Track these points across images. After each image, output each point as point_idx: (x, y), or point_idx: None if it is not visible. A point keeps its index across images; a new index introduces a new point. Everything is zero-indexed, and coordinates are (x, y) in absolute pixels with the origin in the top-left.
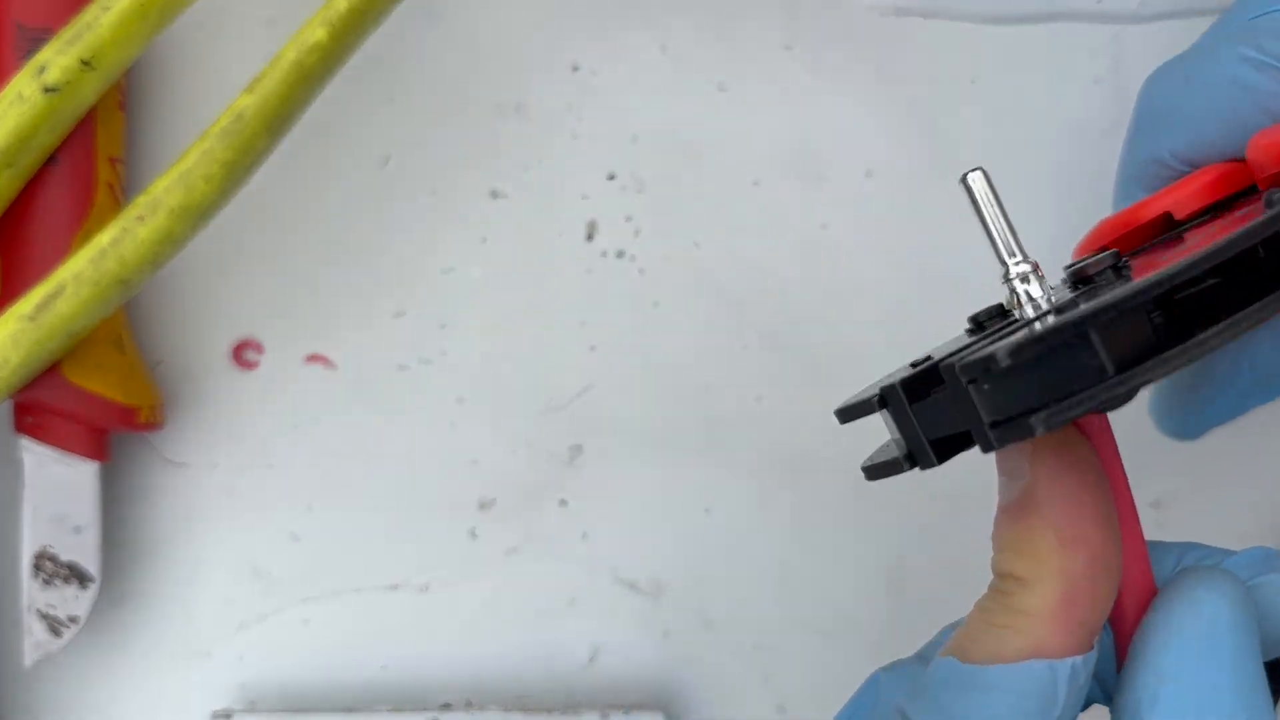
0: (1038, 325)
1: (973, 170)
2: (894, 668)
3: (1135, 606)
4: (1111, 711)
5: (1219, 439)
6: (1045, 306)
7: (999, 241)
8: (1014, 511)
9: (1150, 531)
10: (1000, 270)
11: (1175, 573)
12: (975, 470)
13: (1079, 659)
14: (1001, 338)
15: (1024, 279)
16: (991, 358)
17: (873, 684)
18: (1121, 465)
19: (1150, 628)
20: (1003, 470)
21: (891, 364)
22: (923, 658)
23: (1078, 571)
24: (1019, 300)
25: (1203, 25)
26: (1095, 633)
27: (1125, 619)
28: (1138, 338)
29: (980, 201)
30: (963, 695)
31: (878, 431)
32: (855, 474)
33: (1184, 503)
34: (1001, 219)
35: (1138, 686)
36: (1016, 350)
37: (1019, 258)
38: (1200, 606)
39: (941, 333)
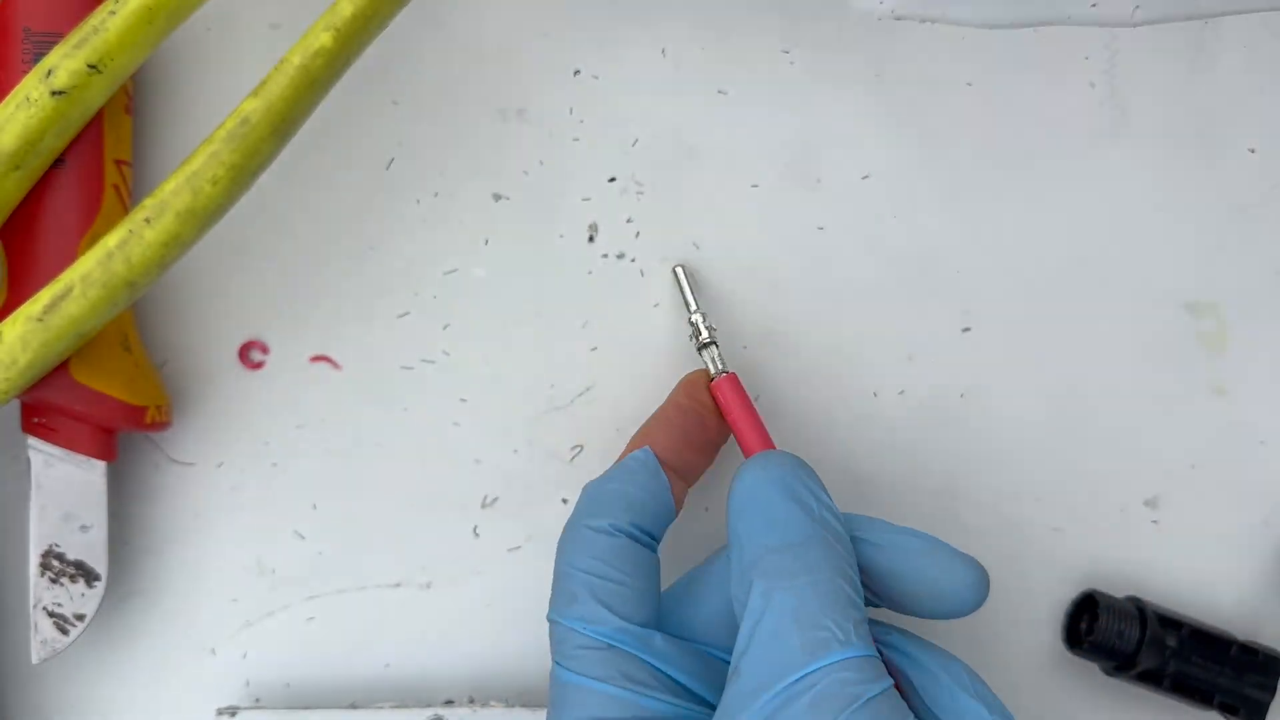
0: None
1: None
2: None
3: None
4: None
5: (1214, 438)
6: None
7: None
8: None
9: (1146, 530)
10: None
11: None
12: (973, 470)
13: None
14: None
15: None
16: None
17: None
18: (749, 408)
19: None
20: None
21: (888, 364)
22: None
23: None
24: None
25: (1195, 30)
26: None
27: None
28: None
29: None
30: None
31: (873, 435)
32: (853, 473)
33: (1179, 502)
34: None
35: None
36: None
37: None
38: (742, 468)
39: (936, 333)
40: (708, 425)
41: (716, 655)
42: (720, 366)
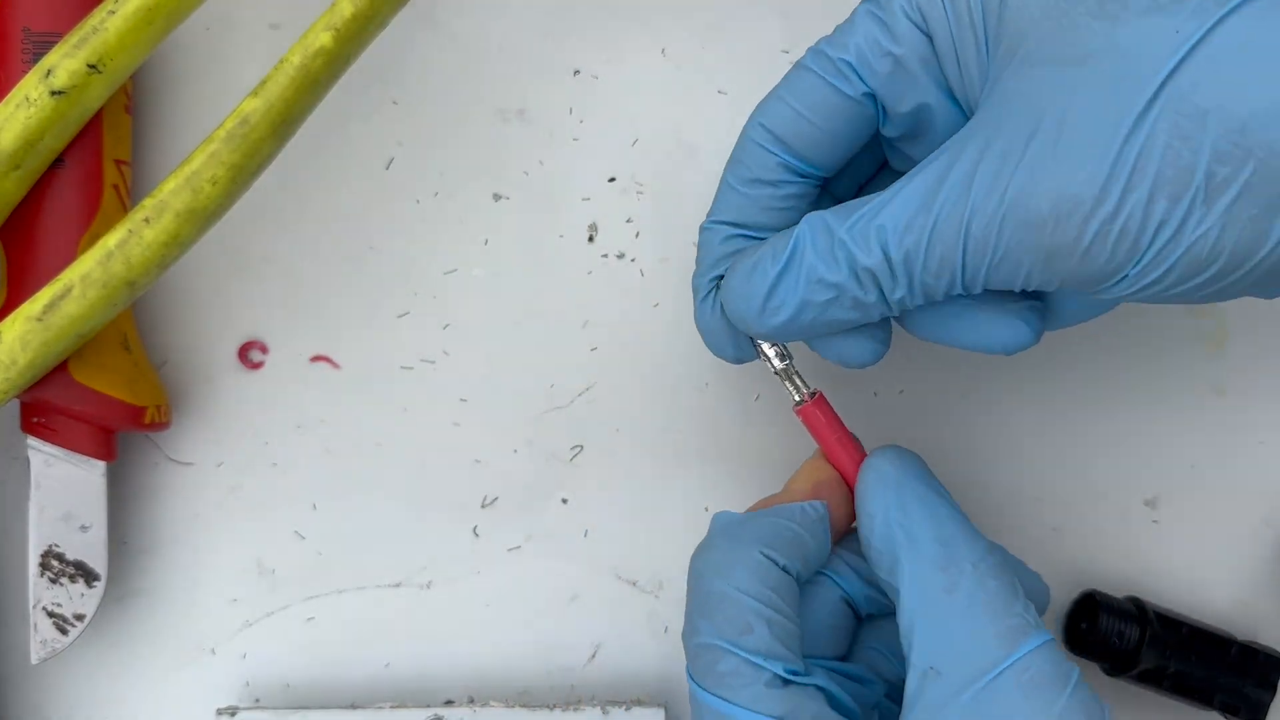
0: None
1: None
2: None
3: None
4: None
5: (1214, 438)
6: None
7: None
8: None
9: (1146, 530)
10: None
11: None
12: (973, 470)
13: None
14: None
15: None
16: None
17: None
18: (839, 425)
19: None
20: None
21: (888, 363)
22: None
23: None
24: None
25: None
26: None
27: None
28: None
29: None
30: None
31: (873, 434)
32: None
33: (1179, 502)
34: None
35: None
36: None
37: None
38: (872, 462)
39: None
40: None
41: (842, 672)
42: (806, 391)
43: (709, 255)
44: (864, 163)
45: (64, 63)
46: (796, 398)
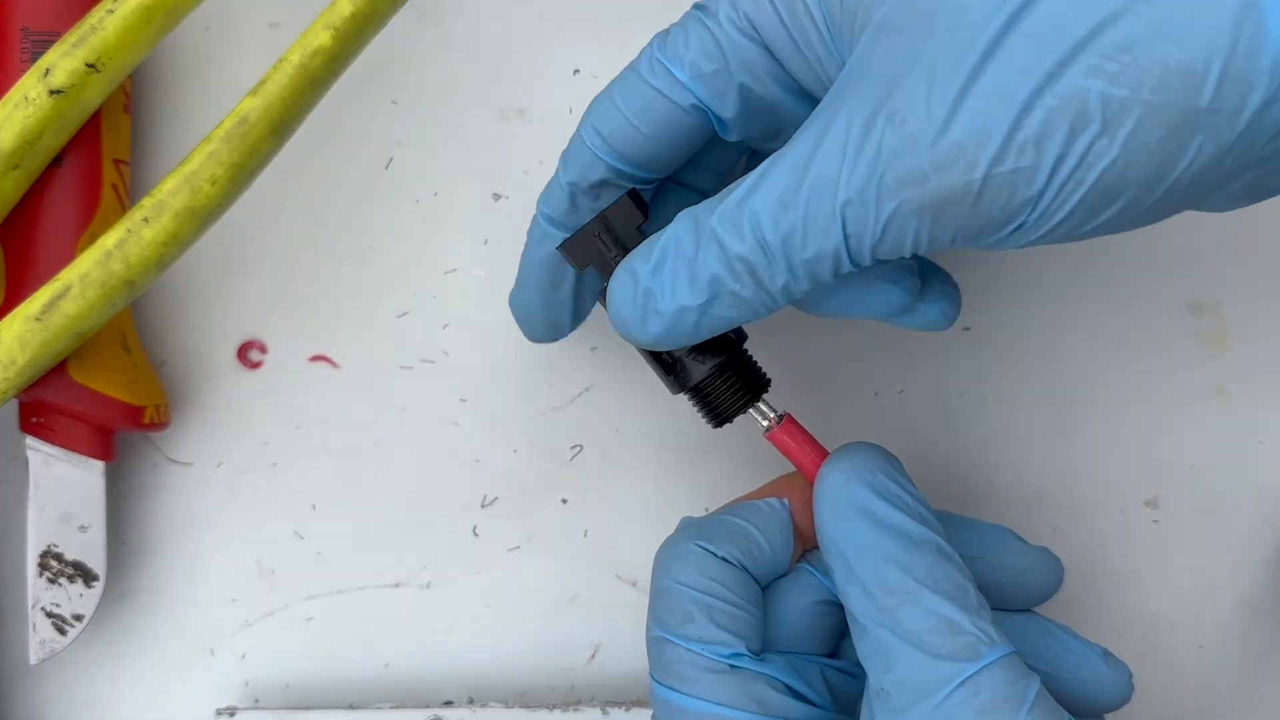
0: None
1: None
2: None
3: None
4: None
5: (1214, 438)
6: None
7: None
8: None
9: (1145, 528)
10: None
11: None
12: (973, 470)
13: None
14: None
15: None
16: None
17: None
18: (812, 445)
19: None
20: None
21: (885, 361)
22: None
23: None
24: None
25: None
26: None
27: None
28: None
29: None
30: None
31: (873, 435)
32: None
33: (1179, 502)
34: None
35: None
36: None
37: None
38: (823, 472)
39: (936, 333)
40: None
41: (829, 666)
42: (774, 415)
43: (535, 253)
44: (725, 156)
45: (62, 62)
46: (764, 424)
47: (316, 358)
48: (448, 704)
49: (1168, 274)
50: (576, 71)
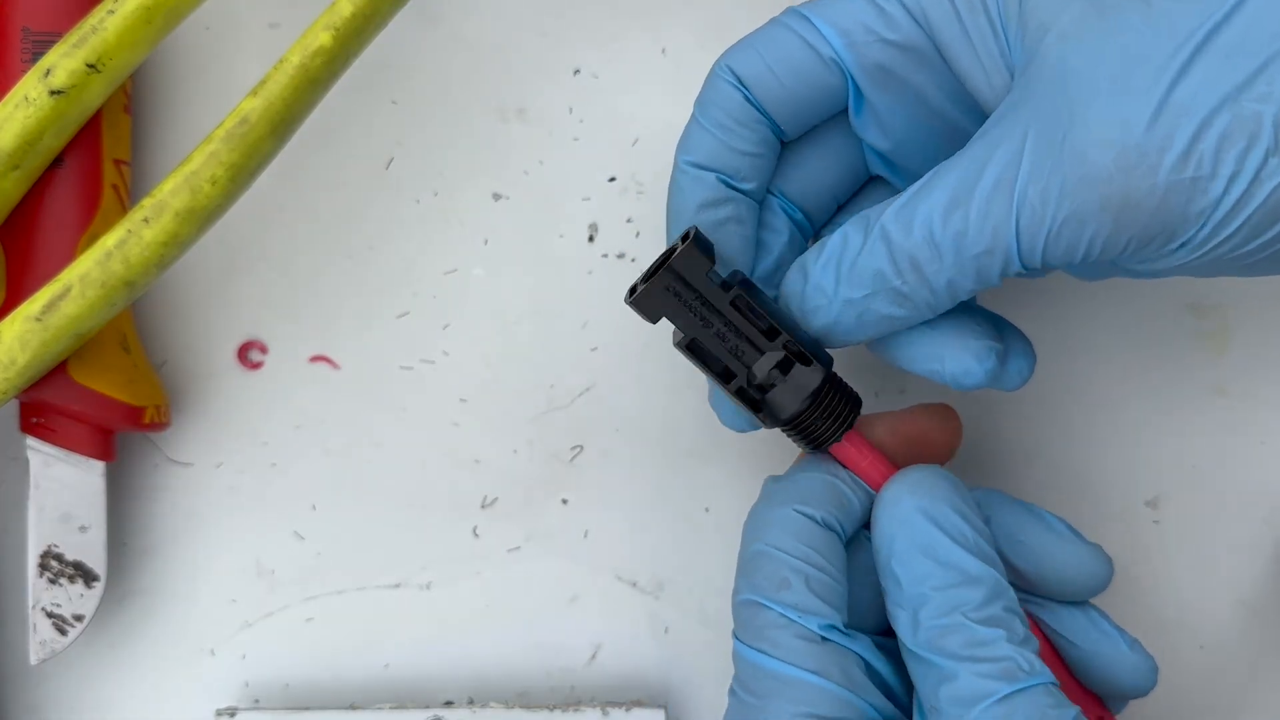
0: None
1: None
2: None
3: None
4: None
5: (1215, 438)
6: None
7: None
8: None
9: (1146, 530)
10: None
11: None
12: (973, 470)
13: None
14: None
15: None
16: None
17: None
18: (868, 445)
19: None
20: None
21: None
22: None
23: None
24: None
25: None
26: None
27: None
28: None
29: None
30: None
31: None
32: None
33: (1179, 502)
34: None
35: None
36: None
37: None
38: (886, 494)
39: None
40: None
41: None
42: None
43: (685, 201)
44: (843, 180)
45: (63, 62)
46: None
47: (316, 358)
48: (448, 704)
49: None
50: (576, 71)
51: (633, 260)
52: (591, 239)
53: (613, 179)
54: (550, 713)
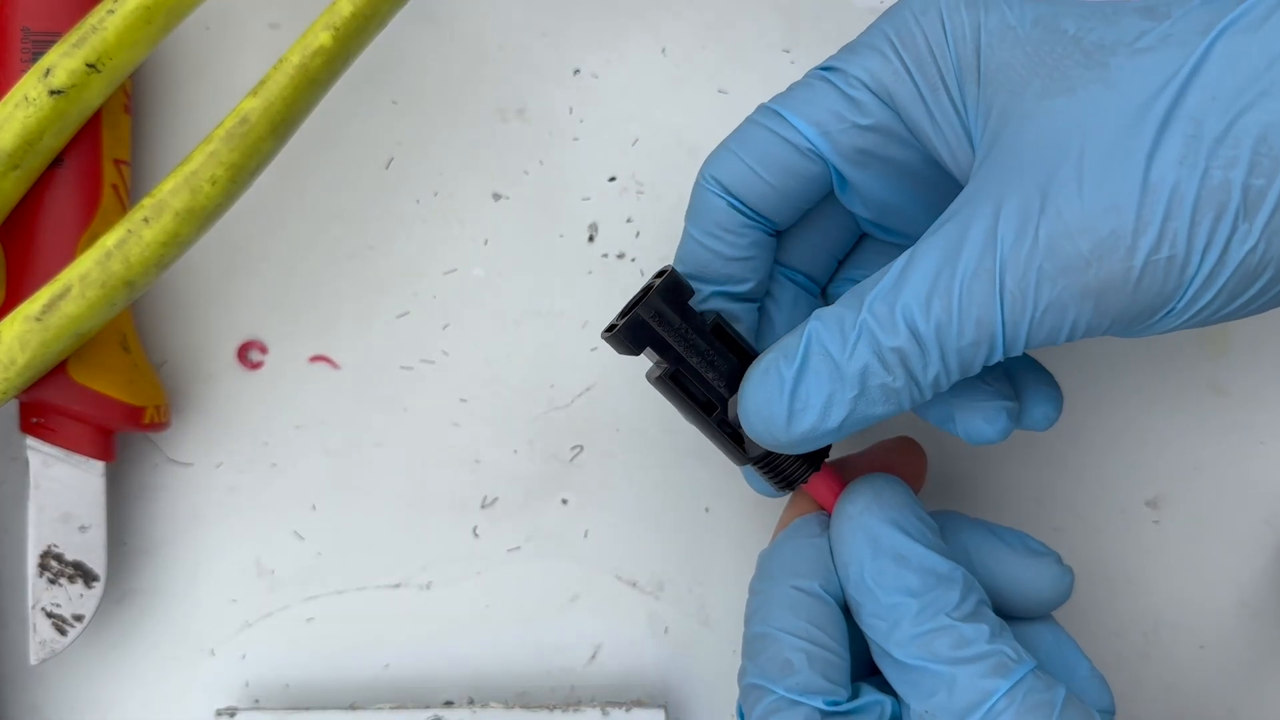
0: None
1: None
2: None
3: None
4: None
5: (1215, 438)
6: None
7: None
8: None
9: (1146, 530)
10: None
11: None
12: (973, 470)
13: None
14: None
15: None
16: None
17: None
18: (841, 482)
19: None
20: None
21: None
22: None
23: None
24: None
25: None
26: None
27: None
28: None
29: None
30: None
31: (873, 434)
32: None
33: (1179, 502)
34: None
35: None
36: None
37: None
38: (841, 508)
39: None
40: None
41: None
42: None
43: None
44: (841, 240)
45: (63, 62)
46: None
47: (316, 358)
48: (448, 704)
49: None
50: (576, 71)
51: (633, 260)
52: (591, 239)
53: (613, 179)
54: (550, 713)
